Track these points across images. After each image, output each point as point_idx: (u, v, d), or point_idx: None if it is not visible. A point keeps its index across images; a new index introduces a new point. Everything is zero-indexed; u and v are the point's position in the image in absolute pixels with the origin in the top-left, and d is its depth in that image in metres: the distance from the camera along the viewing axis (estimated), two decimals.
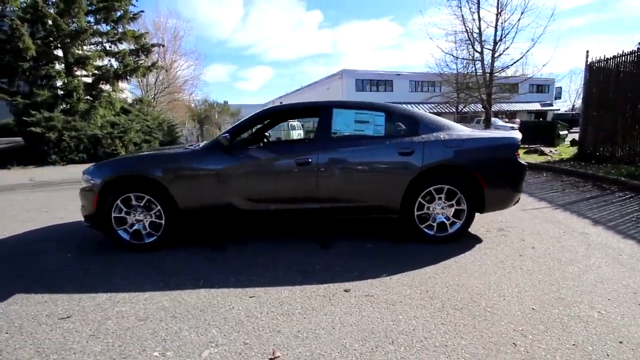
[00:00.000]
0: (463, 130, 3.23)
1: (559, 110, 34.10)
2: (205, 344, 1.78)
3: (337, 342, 1.78)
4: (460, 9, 13.49)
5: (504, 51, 13.78)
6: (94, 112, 14.32)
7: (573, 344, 1.75)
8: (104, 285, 2.48)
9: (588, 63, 9.19)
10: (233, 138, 3.09)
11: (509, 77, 14.97)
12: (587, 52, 8.99)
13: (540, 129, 14.74)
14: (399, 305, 2.13)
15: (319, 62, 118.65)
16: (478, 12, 13.46)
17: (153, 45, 17.11)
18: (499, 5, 13.20)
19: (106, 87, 15.24)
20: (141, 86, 22.99)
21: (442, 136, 3.10)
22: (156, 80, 23.26)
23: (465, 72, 15.52)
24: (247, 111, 28.67)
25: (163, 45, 20.49)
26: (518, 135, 3.24)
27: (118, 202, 3.06)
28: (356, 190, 3.08)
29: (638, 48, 7.67)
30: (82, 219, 3.29)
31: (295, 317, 2.02)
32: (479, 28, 13.72)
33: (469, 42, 14.06)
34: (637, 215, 4.01)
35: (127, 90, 21.81)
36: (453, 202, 3.12)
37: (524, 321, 1.96)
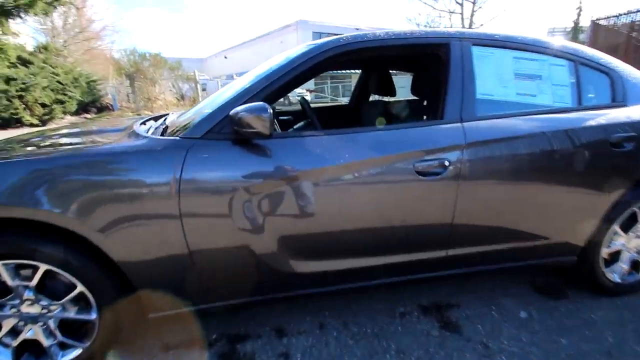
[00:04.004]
0: None
1: None
2: None
3: None
4: None
5: (484, 2, 12.69)
6: None
7: None
8: None
9: (593, 20, 8.40)
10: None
11: None
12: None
13: None
14: None
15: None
16: None
17: None
18: None
19: None
20: (46, 30, 17.91)
21: None
22: (64, 22, 18.27)
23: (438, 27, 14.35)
24: (188, 65, 21.87)
25: None
26: None
27: None
28: (525, 219, 1.54)
29: None
30: None
31: None
32: None
33: None
34: None
35: (27, 35, 16.84)
36: None
37: None
